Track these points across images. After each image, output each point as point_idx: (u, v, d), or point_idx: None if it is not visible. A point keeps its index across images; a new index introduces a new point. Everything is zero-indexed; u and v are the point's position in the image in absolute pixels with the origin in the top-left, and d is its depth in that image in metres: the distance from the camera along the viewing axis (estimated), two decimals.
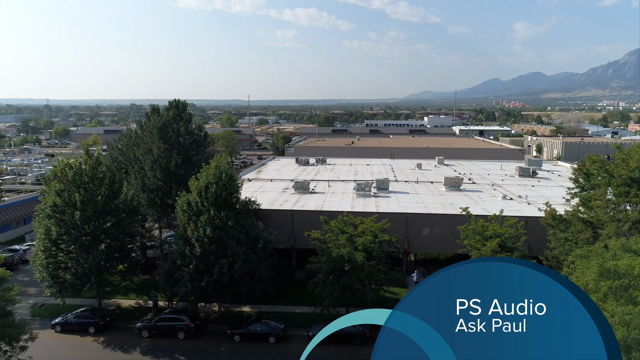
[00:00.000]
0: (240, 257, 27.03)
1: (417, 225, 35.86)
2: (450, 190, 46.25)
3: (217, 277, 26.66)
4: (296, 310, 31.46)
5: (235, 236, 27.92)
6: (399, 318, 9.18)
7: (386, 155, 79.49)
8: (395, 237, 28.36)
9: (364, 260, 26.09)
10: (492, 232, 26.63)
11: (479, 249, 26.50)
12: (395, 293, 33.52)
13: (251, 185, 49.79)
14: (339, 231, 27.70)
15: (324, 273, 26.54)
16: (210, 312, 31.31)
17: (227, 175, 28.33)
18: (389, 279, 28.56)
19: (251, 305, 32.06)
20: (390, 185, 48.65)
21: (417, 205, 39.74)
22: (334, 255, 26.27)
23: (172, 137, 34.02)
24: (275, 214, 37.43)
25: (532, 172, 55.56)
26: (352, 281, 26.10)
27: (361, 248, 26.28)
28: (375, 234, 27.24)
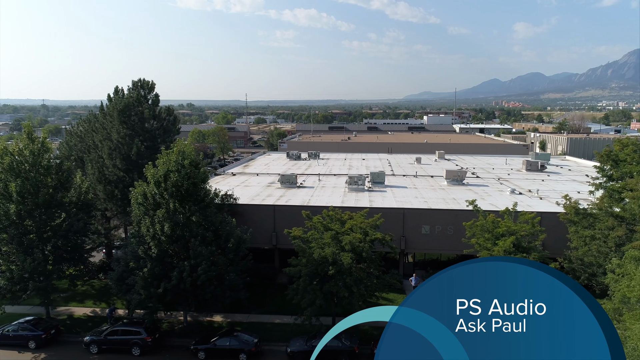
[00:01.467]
0: (204, 258, 22.72)
1: (416, 223, 31.58)
2: (452, 184, 42.00)
3: (176, 282, 22.35)
4: (275, 320, 27.14)
5: (201, 234, 23.61)
6: (405, 313, 9.10)
7: (383, 150, 75.18)
8: (389, 235, 24.07)
9: (352, 262, 21.80)
10: (504, 229, 22.37)
11: (490, 249, 22.22)
12: (390, 300, 29.19)
13: (234, 179, 45.50)
14: (322, 228, 23.41)
15: (304, 278, 22.25)
16: (176, 323, 26.98)
17: (192, 163, 24.03)
18: (383, 284, 24.29)
19: (224, 314, 27.75)
20: (387, 179, 44.38)
21: (415, 200, 35.47)
22: (316, 257, 21.98)
23: (135, 122, 29.69)
24: (255, 209, 33.14)
25: (540, 166, 51.32)
26: (337, 287, 21.80)
27: (348, 248, 21.97)
28: (365, 231, 22.94)
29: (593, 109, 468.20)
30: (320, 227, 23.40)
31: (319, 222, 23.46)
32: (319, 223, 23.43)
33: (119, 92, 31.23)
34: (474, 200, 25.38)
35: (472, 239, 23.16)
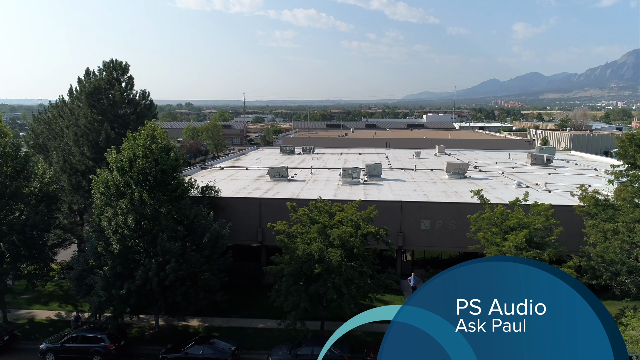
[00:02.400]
0: (174, 255, 19.97)
1: (415, 217, 28.85)
2: (454, 177, 39.29)
3: (141, 282, 19.60)
4: (259, 324, 24.40)
5: (171, 228, 20.87)
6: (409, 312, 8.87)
7: (381, 146, 72.45)
8: (385, 229, 21.33)
9: (342, 259, 19.05)
10: (515, 221, 19.66)
11: (499, 244, 19.51)
12: (386, 302, 26.42)
13: (220, 173, 42.77)
14: (308, 221, 20.67)
15: (287, 277, 19.51)
16: (147, 328, 24.22)
17: (163, 148, 21.30)
18: (378, 284, 21.59)
19: (201, 318, 25.00)
20: (384, 173, 41.67)
21: (414, 193, 32.75)
22: (300, 254, 19.24)
23: (106, 106, 26.91)
24: (239, 203, 30.38)
25: (546, 159, 48.66)
26: (325, 288, 19.05)
27: (337, 243, 19.23)
28: (357, 225, 20.21)
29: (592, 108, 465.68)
30: (306, 219, 20.67)
31: (304, 214, 20.72)
32: (304, 215, 20.69)
33: (91, 75, 28.45)
34: (479, 190, 22.69)
35: (479, 234, 20.45)
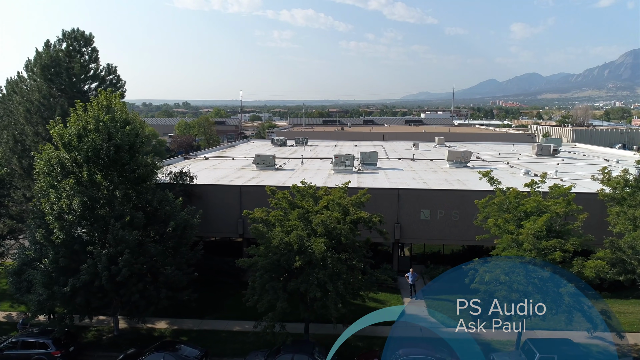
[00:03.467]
0: (128, 246, 16.86)
1: (413, 206, 25.80)
2: (455, 167, 36.29)
3: (89, 278, 16.48)
4: (234, 327, 21.30)
5: (127, 214, 17.76)
6: None
7: (378, 139, 69.41)
8: (378, 215, 18.25)
9: (327, 250, 15.97)
10: (533, 205, 16.64)
11: (513, 232, 16.48)
12: (381, 301, 23.41)
13: (204, 162, 39.66)
14: (289, 206, 17.59)
15: (261, 272, 16.43)
16: (106, 331, 21.09)
17: (121, 122, 18.19)
18: (371, 281, 18.55)
19: (170, 319, 21.90)
20: (380, 162, 38.67)
21: (413, 182, 29.70)
22: (277, 243, 16.14)
23: (64, 80, 23.76)
24: (217, 191, 27.28)
25: (553, 150, 45.69)
26: (307, 285, 15.97)
27: (321, 231, 16.14)
28: (345, 210, 17.13)
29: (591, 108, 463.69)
30: (286, 204, 17.58)
31: (283, 197, 17.63)
32: (283, 199, 17.60)
33: (50, 46, 25.28)
34: (488, 172, 19.66)
35: (489, 220, 17.42)
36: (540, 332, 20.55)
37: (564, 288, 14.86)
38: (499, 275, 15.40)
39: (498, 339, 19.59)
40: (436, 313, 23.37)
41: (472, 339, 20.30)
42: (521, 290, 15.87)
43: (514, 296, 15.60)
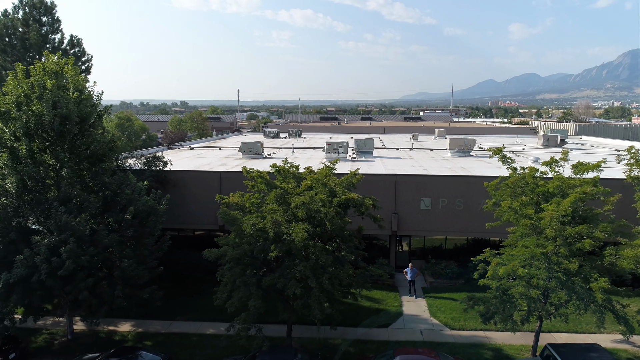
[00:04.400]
0: (74, 234, 14.18)
1: (412, 194, 23.17)
2: (457, 155, 33.71)
3: (25, 272, 13.79)
4: (208, 329, 18.62)
5: (76, 197, 15.08)
6: None
7: (376, 132, 66.80)
8: (372, 198, 15.61)
9: (309, 238, 13.31)
10: (556, 184, 14.05)
11: (532, 217, 13.84)
12: (376, 300, 20.78)
13: (188, 152, 36.99)
14: (265, 187, 14.94)
15: (231, 265, 13.78)
16: (60, 334, 18.37)
17: (73, 88, 15.53)
18: (364, 276, 15.93)
19: (135, 321, 19.23)
20: (376, 152, 36.07)
21: (412, 169, 27.09)
22: (248, 230, 13.48)
23: (19, 49, 21.06)
24: (195, 178, 24.61)
25: (560, 140, 43.14)
26: (285, 280, 13.31)
27: (303, 215, 13.48)
28: (332, 191, 14.48)
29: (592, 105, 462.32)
30: (263, 186, 14.93)
31: (259, 176, 14.96)
32: (259, 179, 14.94)
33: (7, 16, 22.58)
34: (500, 149, 17.07)
35: (503, 203, 14.77)
36: (557, 335, 17.97)
37: (596, 283, 12.26)
38: (516, 268, 12.78)
39: (511, 344, 16.97)
40: (439, 313, 20.84)
41: (481, 344, 17.73)
42: (542, 286, 13.26)
43: (534, 293, 12.98)
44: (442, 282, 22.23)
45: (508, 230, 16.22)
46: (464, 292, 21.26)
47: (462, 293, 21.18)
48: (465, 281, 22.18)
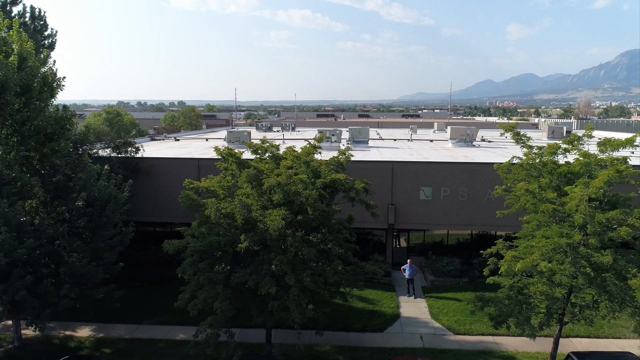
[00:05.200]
0: (7, 224, 11.88)
1: (411, 183, 20.93)
2: (459, 146, 31.56)
3: None
4: (178, 334, 16.34)
5: (15, 178, 12.79)
6: None
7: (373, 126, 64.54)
8: (364, 181, 13.35)
9: (286, 226, 11.05)
10: (583, 162, 11.87)
11: (554, 201, 11.62)
12: (371, 300, 18.51)
13: (171, 143, 34.76)
14: (236, 167, 12.68)
15: (192, 259, 11.52)
16: (8, 340, 16.06)
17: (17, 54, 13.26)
18: (354, 274, 13.68)
19: (96, 325, 16.94)
20: (373, 142, 33.89)
21: (411, 157, 24.87)
22: (213, 218, 11.22)
23: None
24: (170, 166, 22.34)
25: (566, 132, 41.00)
26: (258, 278, 11.05)
27: (279, 198, 11.21)
28: (315, 171, 12.21)
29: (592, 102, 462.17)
30: (234, 166, 12.66)
31: (228, 154, 12.69)
32: (230, 157, 12.67)
33: None
34: (513, 125, 14.87)
35: (518, 185, 12.53)
36: (577, 341, 15.76)
37: (636, 280, 10.04)
38: (537, 261, 10.54)
39: (525, 351, 14.74)
40: (441, 315, 18.59)
41: (490, 351, 15.51)
42: (566, 284, 11.04)
43: (558, 293, 10.76)
44: (444, 281, 19.99)
45: (522, 219, 14.03)
46: (469, 291, 19.08)
47: (466, 293, 18.98)
48: (469, 279, 19.97)
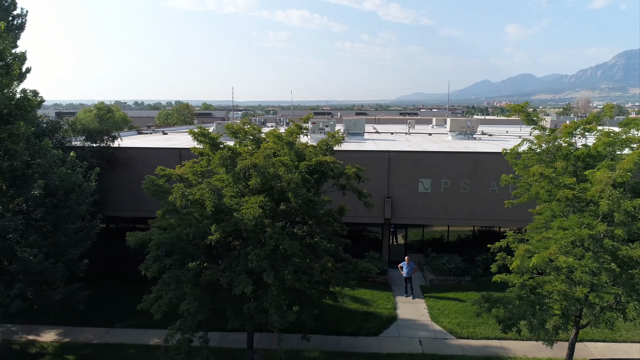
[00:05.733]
0: None
1: (409, 174, 19.46)
2: (459, 138, 30.14)
3: None
4: (152, 338, 14.82)
5: None
6: None
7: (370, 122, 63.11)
8: (357, 167, 11.86)
9: (265, 216, 9.56)
10: (606, 141, 10.41)
11: (573, 187, 10.16)
12: (365, 301, 17.00)
13: (159, 136, 33.29)
14: (209, 149, 11.17)
15: (156, 254, 10.01)
16: None
17: None
18: (346, 271, 12.19)
19: (63, 328, 15.43)
20: (369, 136, 32.44)
21: (409, 149, 23.41)
22: (179, 204, 9.72)
23: None
24: (148, 156, 20.80)
25: None
26: (232, 275, 9.55)
27: (257, 184, 9.70)
28: (300, 154, 10.71)
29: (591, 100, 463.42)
30: (207, 149, 11.16)
31: (200, 134, 11.17)
32: (202, 138, 11.15)
33: None
34: (523, 105, 13.41)
35: (532, 169, 11.06)
36: (592, 345, 14.32)
37: None
38: (556, 255, 9.06)
39: (536, 356, 13.29)
40: (442, 317, 17.06)
41: (498, 356, 14.04)
42: (587, 282, 9.58)
43: (579, 292, 9.30)
44: (445, 280, 18.52)
45: (532, 211, 12.59)
46: (472, 291, 17.62)
47: (469, 292, 17.52)
48: (472, 278, 18.50)
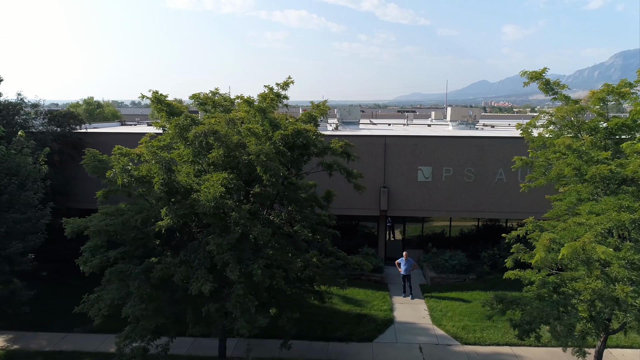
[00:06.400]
0: None
1: (408, 162, 17.63)
2: (460, 128, 28.40)
3: None
4: (112, 346, 12.91)
5: None
6: None
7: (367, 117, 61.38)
8: (345, 142, 10.03)
9: (228, 196, 7.72)
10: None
11: (608, 161, 8.35)
12: (358, 302, 15.15)
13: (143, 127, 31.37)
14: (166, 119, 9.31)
15: (94, 243, 8.16)
16: None
17: None
18: (334, 267, 10.37)
19: (14, 332, 13.58)
20: (365, 126, 30.63)
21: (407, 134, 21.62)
22: (120, 182, 7.86)
23: None
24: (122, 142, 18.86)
25: None
26: (188, 270, 7.72)
27: (219, 157, 7.84)
28: (274, 122, 8.85)
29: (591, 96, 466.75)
30: (163, 120, 9.32)
31: (157, 100, 9.30)
32: (159, 105, 9.29)
33: None
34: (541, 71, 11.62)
35: (557, 141, 9.27)
36: (618, 352, 12.53)
37: None
38: (592, 245, 7.24)
39: None
40: (444, 320, 15.20)
41: None
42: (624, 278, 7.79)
43: (619, 291, 7.49)
44: (447, 278, 16.71)
45: (549, 197, 10.83)
46: (477, 290, 15.82)
47: (474, 292, 15.71)
48: (477, 276, 16.69)
